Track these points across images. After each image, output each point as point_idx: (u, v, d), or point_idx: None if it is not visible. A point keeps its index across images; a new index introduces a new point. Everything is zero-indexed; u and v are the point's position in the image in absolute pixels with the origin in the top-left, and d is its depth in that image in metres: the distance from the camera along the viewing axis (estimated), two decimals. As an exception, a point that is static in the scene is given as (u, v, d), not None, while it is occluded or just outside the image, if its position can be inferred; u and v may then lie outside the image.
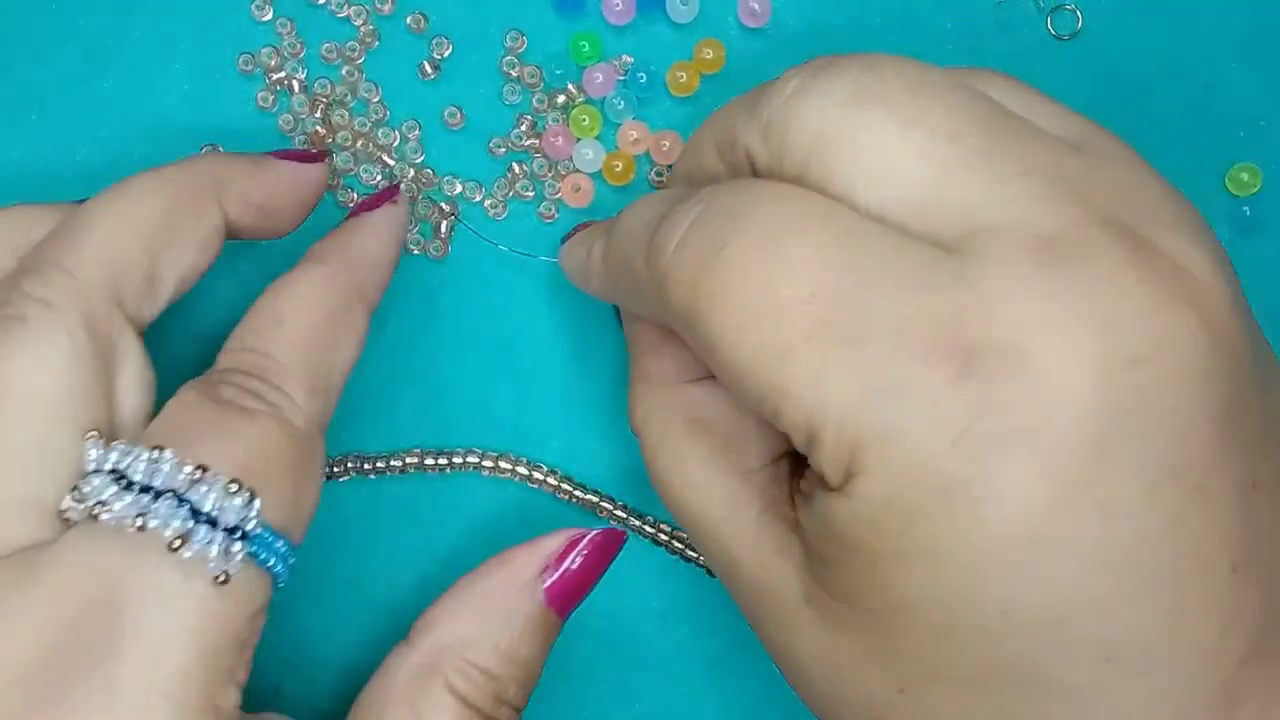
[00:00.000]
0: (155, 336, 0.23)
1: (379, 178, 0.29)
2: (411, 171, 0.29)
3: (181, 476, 0.20)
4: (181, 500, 0.20)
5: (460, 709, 0.23)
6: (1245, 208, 0.29)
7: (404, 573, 0.29)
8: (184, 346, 0.28)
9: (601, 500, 0.29)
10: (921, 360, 0.18)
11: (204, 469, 0.20)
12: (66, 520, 0.20)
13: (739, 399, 0.21)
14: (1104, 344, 0.17)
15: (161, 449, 0.20)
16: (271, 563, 0.21)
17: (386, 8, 0.29)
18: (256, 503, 0.20)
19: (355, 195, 0.29)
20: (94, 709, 0.19)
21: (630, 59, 0.29)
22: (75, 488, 0.20)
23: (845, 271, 0.19)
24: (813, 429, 0.19)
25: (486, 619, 0.23)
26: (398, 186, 0.28)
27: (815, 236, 0.19)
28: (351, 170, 0.29)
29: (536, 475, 0.28)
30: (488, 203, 0.29)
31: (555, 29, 0.29)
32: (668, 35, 0.29)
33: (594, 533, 0.24)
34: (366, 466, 0.28)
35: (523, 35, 0.29)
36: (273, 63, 0.29)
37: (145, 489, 0.20)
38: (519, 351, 0.29)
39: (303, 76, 0.29)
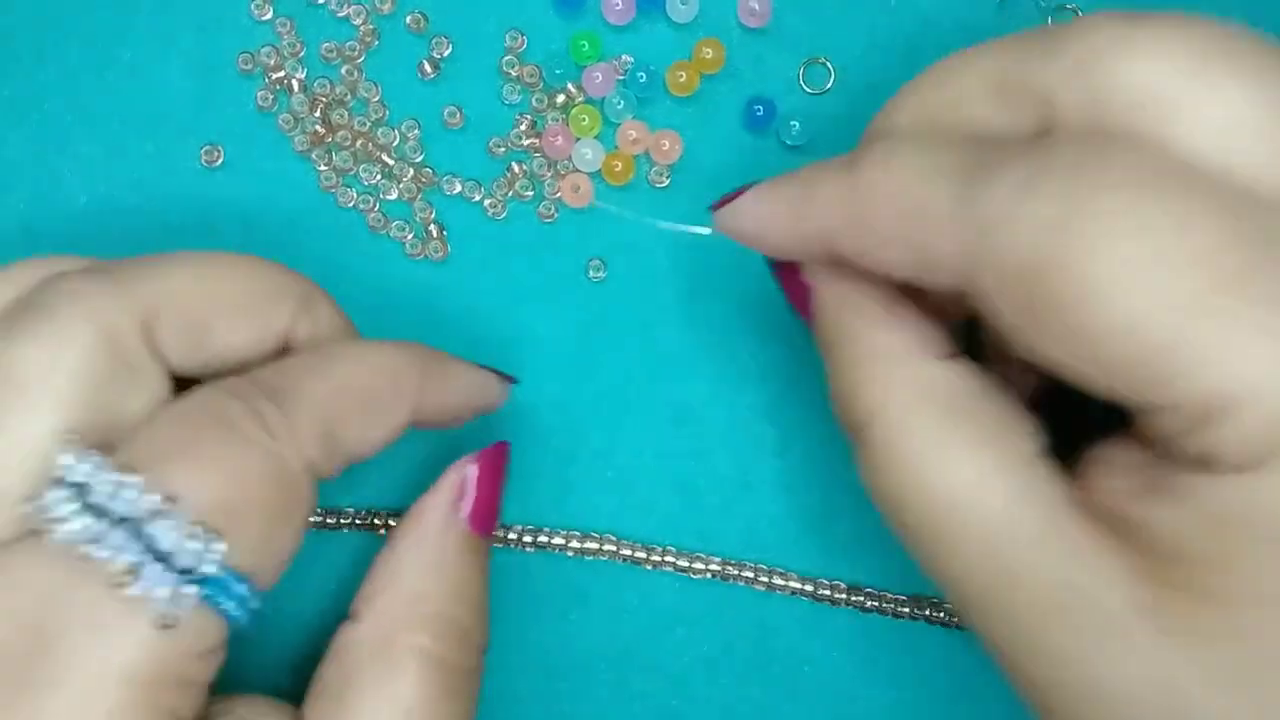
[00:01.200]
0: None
1: (379, 177, 0.29)
2: (411, 171, 0.29)
3: (145, 506, 0.19)
4: (140, 533, 0.19)
5: (424, 669, 0.22)
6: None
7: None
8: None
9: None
10: None
11: (172, 500, 0.19)
12: (25, 530, 0.19)
13: (1084, 372, 0.18)
14: None
15: (131, 470, 0.19)
16: (228, 607, 0.20)
17: (386, 7, 0.29)
18: (220, 546, 0.19)
19: (354, 194, 0.29)
20: None
21: (630, 58, 0.29)
22: (39, 495, 0.19)
23: (1241, 225, 0.17)
24: (1223, 396, 0.17)
25: (423, 569, 0.23)
26: (513, 379, 0.27)
27: (1197, 188, 0.17)
28: (351, 170, 0.29)
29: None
30: (487, 202, 0.29)
31: (555, 28, 0.29)
32: (667, 35, 0.29)
33: (483, 453, 0.25)
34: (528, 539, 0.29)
35: (522, 34, 0.29)
36: (272, 62, 0.29)
37: (103, 513, 0.19)
38: (523, 351, 0.29)
39: (302, 76, 0.29)
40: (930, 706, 0.29)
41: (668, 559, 0.29)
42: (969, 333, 0.24)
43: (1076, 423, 0.21)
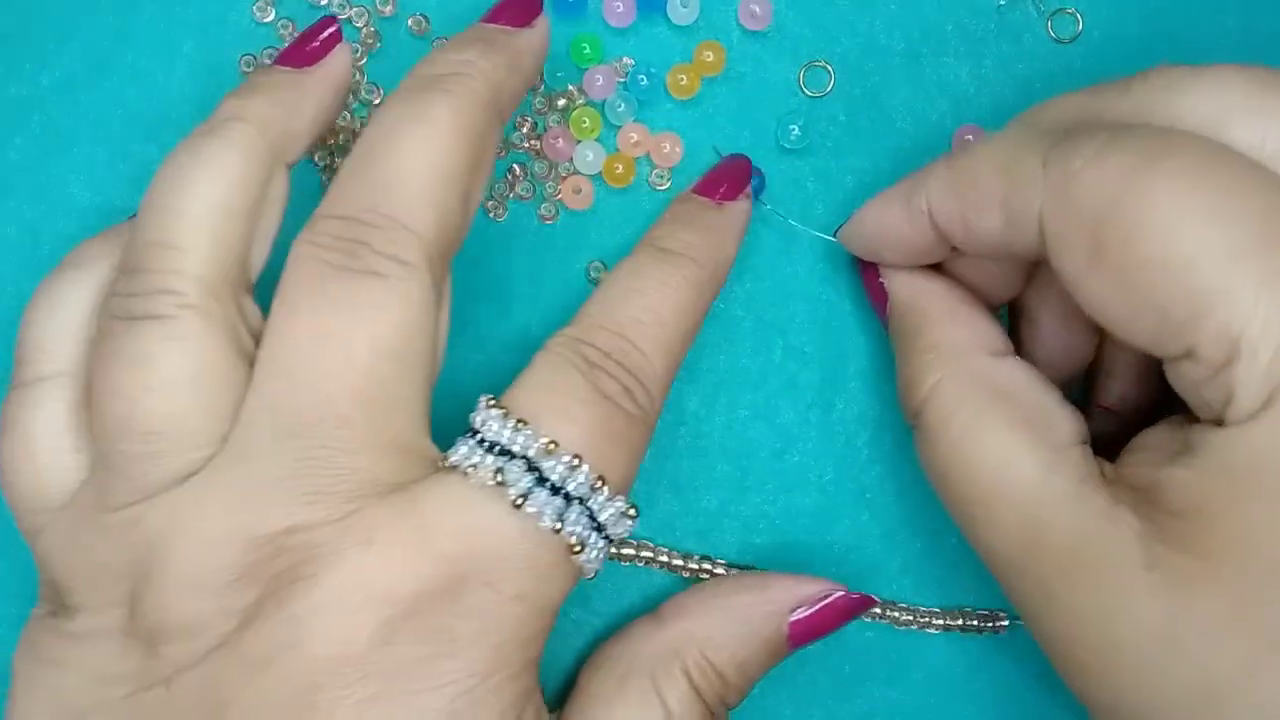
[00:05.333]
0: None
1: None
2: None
3: (586, 486, 0.22)
4: (582, 504, 0.22)
5: (691, 695, 0.25)
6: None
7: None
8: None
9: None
10: None
11: (603, 480, 0.22)
12: (443, 468, 0.22)
13: (1128, 316, 0.20)
14: None
15: (580, 460, 0.22)
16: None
17: (388, 10, 0.29)
18: (630, 521, 0.23)
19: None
20: (468, 656, 0.21)
21: (631, 61, 0.29)
22: (489, 461, 0.22)
23: None
24: (1243, 337, 0.19)
25: (733, 628, 0.25)
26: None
27: (1256, 167, 0.20)
28: (352, 171, 0.29)
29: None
30: (488, 204, 0.29)
31: (556, 31, 0.29)
32: (668, 37, 0.29)
33: (848, 593, 0.26)
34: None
35: (524, 37, 0.29)
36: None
37: (556, 489, 0.22)
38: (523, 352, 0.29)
39: (304, 78, 0.29)
40: (929, 707, 0.29)
41: (665, 558, 0.29)
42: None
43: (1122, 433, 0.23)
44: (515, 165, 0.29)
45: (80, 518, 0.22)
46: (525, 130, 0.29)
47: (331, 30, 0.25)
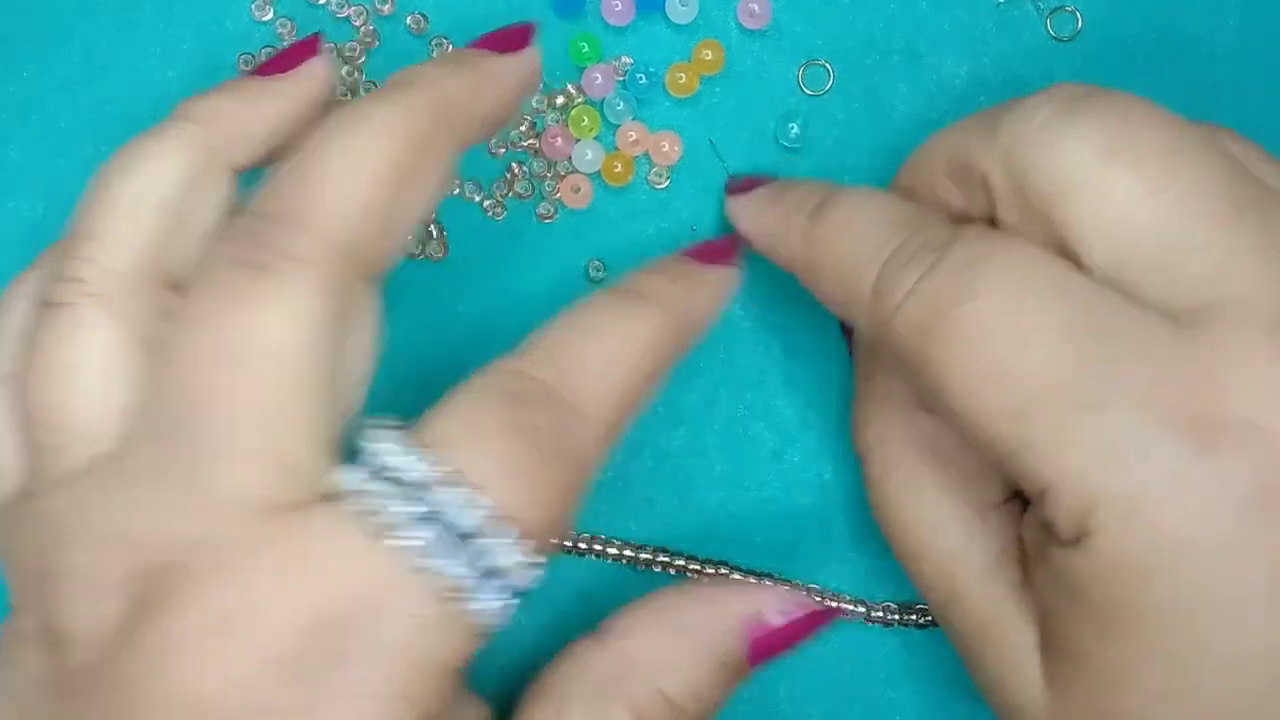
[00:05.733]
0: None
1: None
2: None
3: (488, 527, 0.19)
4: (474, 550, 0.19)
5: None
6: (1245, 209, 0.29)
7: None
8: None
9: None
10: (1162, 428, 0.19)
11: (510, 520, 0.19)
12: (330, 497, 0.19)
13: (965, 438, 0.21)
14: None
15: (478, 493, 0.19)
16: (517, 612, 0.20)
17: (386, 8, 0.29)
18: (539, 570, 0.20)
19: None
20: (337, 709, 0.18)
21: (629, 60, 0.29)
22: (368, 489, 0.19)
23: (1087, 339, 0.19)
24: (1049, 484, 0.20)
25: (682, 650, 0.23)
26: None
27: (1059, 303, 0.20)
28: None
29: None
30: (486, 203, 0.29)
31: (554, 30, 0.29)
32: (667, 36, 0.29)
33: (814, 603, 0.25)
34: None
35: (522, 36, 0.29)
36: (273, 63, 0.29)
37: (434, 514, 0.19)
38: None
39: (303, 77, 0.29)
40: (926, 706, 0.29)
41: (664, 559, 0.29)
42: None
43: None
44: (514, 164, 0.29)
45: (12, 510, 0.21)
46: (524, 129, 0.29)
47: (310, 40, 0.24)
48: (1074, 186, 0.20)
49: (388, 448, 0.19)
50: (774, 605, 0.24)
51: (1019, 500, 0.24)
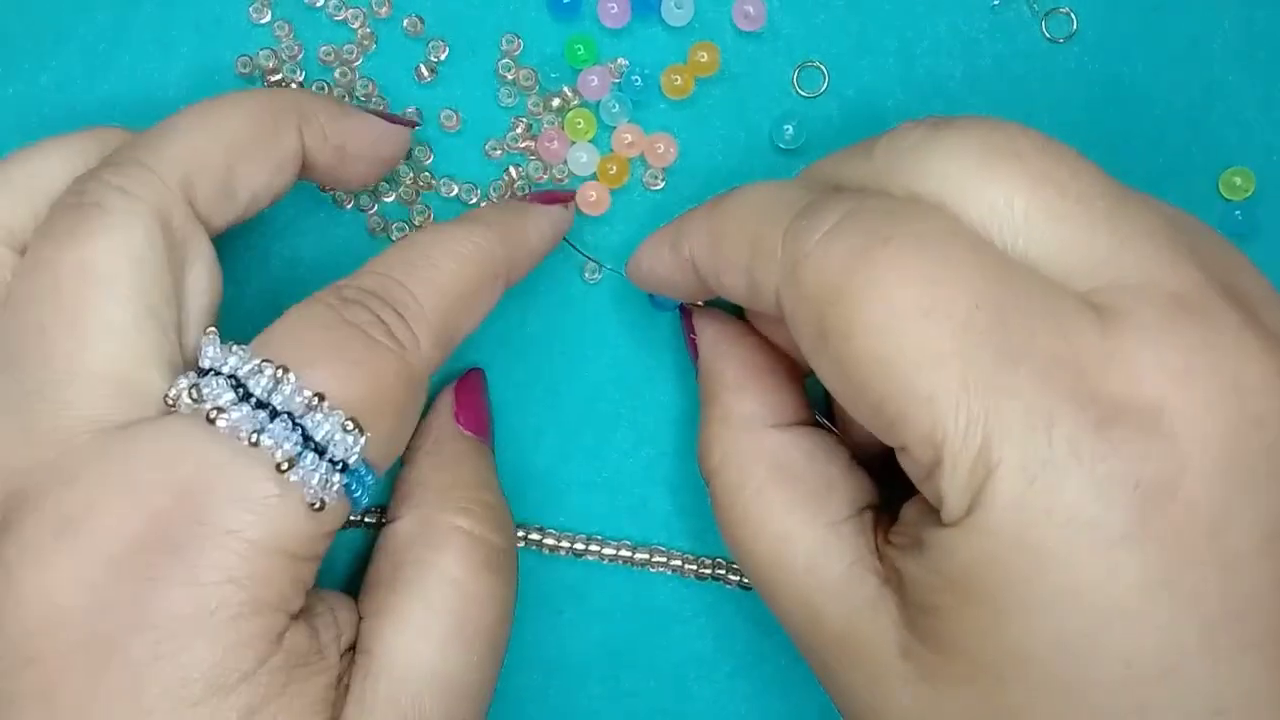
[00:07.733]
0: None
1: (376, 180, 0.29)
2: (409, 174, 0.29)
3: (299, 400, 0.21)
4: (295, 424, 0.21)
5: (465, 544, 0.25)
6: (1238, 212, 0.29)
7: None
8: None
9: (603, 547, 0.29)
10: (1069, 400, 0.18)
11: (321, 397, 0.21)
12: (168, 407, 0.21)
13: (850, 402, 0.21)
14: (1235, 405, 0.18)
15: (286, 370, 0.21)
16: (359, 494, 0.22)
17: (384, 10, 0.29)
18: (364, 439, 0.21)
19: (354, 197, 0.29)
20: (176, 595, 0.20)
21: (625, 62, 0.29)
22: (194, 384, 0.21)
23: (1007, 291, 0.19)
24: (945, 444, 0.19)
25: (444, 467, 0.26)
26: (573, 193, 0.29)
27: (977, 258, 0.19)
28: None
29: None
30: (484, 205, 0.29)
31: (550, 32, 0.29)
32: (663, 38, 0.29)
33: (460, 378, 0.28)
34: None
35: (518, 38, 0.29)
36: (270, 65, 0.29)
37: (261, 404, 0.21)
38: (518, 352, 0.29)
39: (300, 79, 0.29)
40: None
41: (660, 559, 0.29)
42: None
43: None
44: (511, 167, 0.29)
45: None
46: (520, 131, 0.29)
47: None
48: (958, 185, 0.20)
49: (214, 352, 0.21)
50: (445, 394, 0.29)
51: (869, 511, 0.23)
